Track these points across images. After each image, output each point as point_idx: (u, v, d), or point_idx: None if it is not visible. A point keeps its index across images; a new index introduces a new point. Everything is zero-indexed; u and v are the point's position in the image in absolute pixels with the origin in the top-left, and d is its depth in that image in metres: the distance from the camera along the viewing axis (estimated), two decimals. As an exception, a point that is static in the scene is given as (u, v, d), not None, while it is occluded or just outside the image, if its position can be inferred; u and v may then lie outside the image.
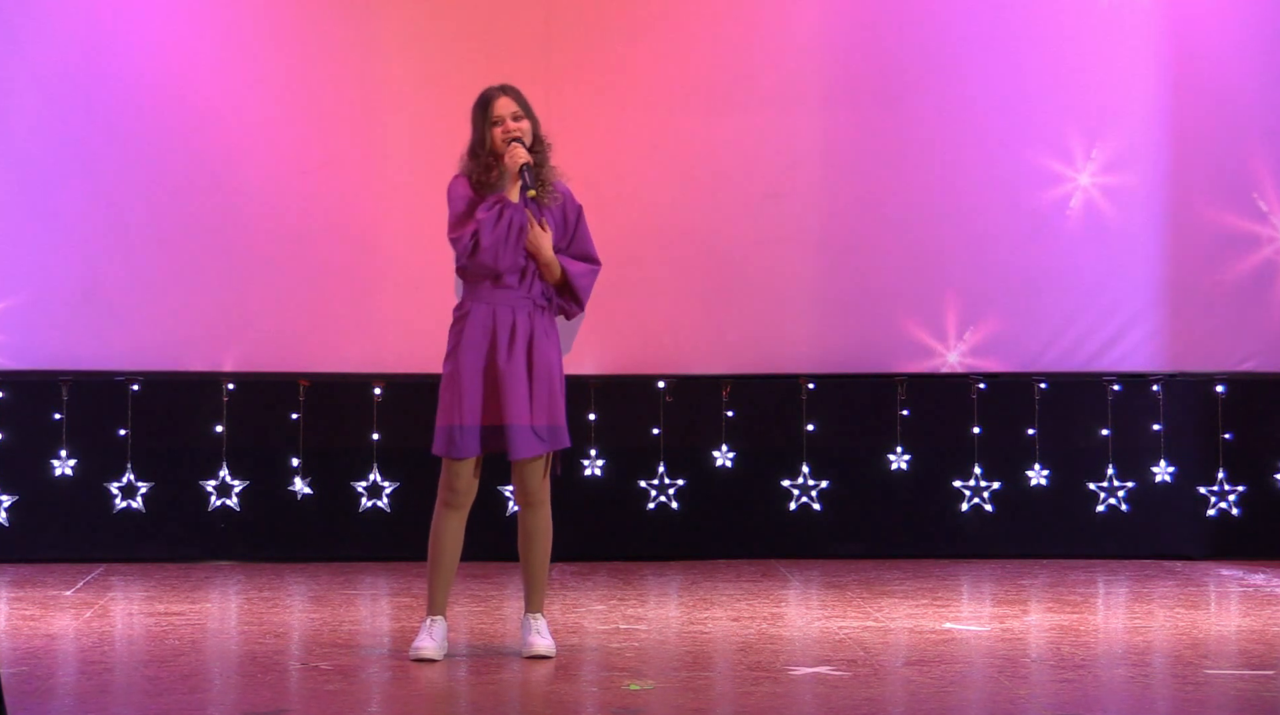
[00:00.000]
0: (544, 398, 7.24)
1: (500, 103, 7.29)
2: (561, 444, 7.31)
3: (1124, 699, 6.69)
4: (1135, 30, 10.44)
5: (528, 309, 7.26)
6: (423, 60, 10.27)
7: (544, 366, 7.25)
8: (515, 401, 7.19)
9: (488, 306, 7.25)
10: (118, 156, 10.14)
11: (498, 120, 7.27)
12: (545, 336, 7.28)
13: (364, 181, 10.26)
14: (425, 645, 7.26)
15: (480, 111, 7.30)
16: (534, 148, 7.30)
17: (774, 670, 7.14)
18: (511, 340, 7.22)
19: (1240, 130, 10.42)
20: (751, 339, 10.36)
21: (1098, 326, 10.42)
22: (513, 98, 7.30)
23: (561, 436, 7.30)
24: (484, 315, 7.25)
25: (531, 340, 7.25)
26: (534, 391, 7.24)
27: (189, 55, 10.18)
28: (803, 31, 10.40)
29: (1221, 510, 10.44)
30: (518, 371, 7.21)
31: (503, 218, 7.18)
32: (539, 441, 7.24)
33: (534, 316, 7.27)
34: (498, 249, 7.16)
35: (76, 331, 10.11)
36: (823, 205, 10.41)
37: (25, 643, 7.71)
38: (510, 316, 7.24)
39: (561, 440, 7.30)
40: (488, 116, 7.28)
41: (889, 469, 10.44)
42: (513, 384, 7.20)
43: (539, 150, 7.31)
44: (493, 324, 7.23)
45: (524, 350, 7.23)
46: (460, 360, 7.24)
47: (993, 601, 8.98)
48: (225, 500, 10.21)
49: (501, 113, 7.27)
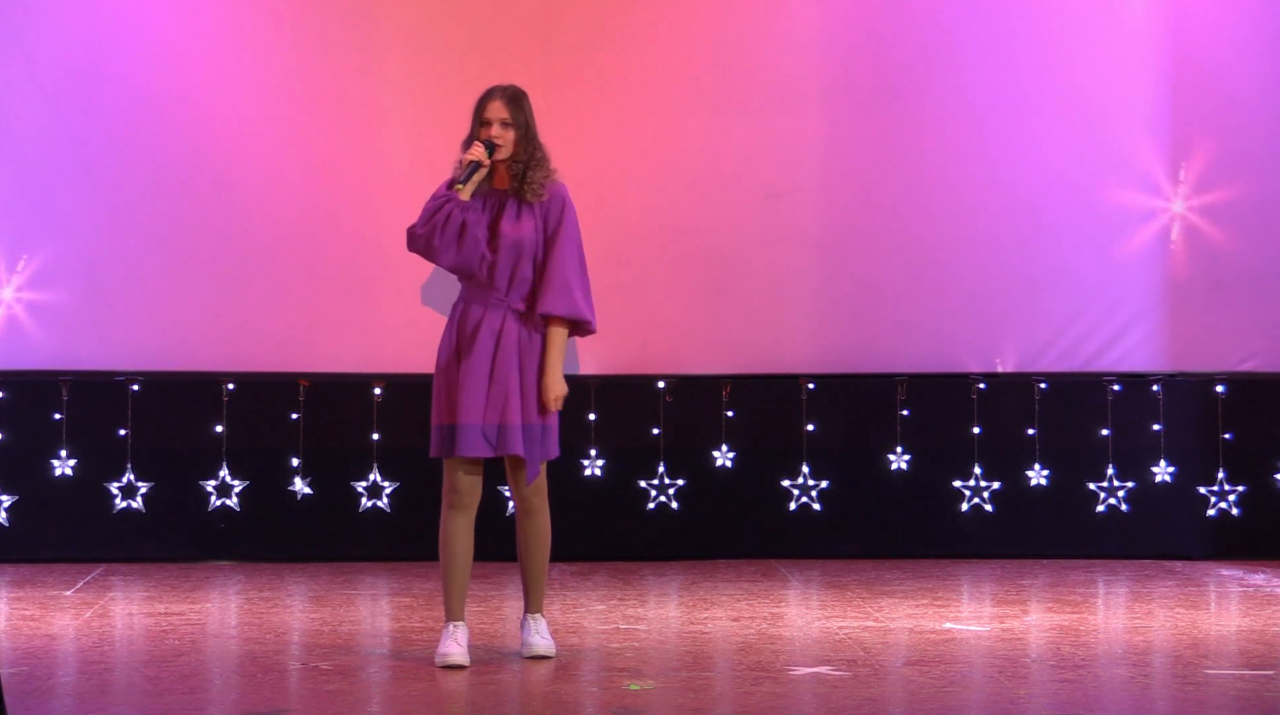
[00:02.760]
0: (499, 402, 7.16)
1: (493, 106, 7.26)
2: (550, 455, 7.26)
3: (1124, 699, 6.69)
4: (1134, 29, 10.44)
5: (502, 311, 7.23)
6: (423, 60, 10.26)
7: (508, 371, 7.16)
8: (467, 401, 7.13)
9: (464, 304, 7.27)
10: (118, 156, 10.13)
11: (487, 122, 7.27)
12: (515, 342, 7.19)
13: (364, 181, 10.26)
14: (453, 651, 7.20)
15: (476, 109, 7.31)
16: (517, 156, 7.27)
17: (774, 670, 7.14)
18: (474, 340, 7.18)
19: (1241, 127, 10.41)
20: (751, 339, 10.36)
21: (1098, 326, 10.42)
22: (506, 103, 7.25)
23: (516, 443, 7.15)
24: (459, 314, 7.26)
25: (499, 343, 7.20)
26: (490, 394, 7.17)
27: (189, 55, 10.18)
28: (803, 31, 10.39)
29: (1221, 510, 10.44)
30: (475, 372, 7.15)
31: (441, 210, 7.17)
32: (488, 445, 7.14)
33: (508, 319, 7.21)
34: (429, 238, 7.15)
35: (76, 331, 10.11)
36: (823, 205, 10.41)
37: (25, 643, 7.71)
38: (479, 316, 7.21)
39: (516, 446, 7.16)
40: (480, 115, 7.28)
41: (889, 469, 10.43)
42: (468, 385, 7.14)
43: (520, 159, 7.27)
44: (475, 324, 7.21)
45: (489, 352, 7.18)
46: (440, 359, 7.26)
47: (993, 601, 8.98)
48: (225, 500, 10.21)
49: (490, 116, 7.26)
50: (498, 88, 7.33)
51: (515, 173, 7.26)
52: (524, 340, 7.22)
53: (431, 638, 7.79)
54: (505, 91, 7.30)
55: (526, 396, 7.20)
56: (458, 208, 7.18)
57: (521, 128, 7.25)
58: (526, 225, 7.24)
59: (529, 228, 7.24)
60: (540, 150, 7.30)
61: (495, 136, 7.23)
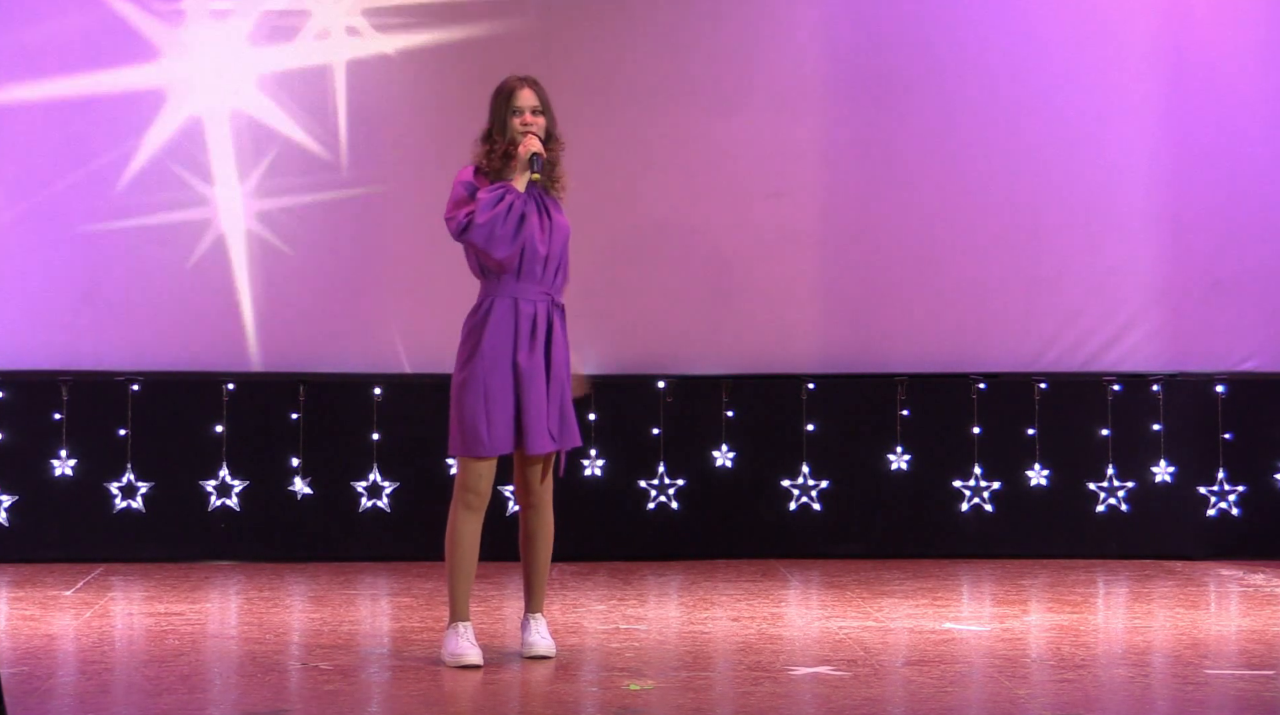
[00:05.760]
0: (558, 395, 7.23)
1: (523, 94, 7.26)
2: (572, 443, 7.30)
3: (1124, 699, 6.69)
4: (1134, 28, 10.44)
5: (547, 304, 7.23)
6: (421, 59, 10.26)
7: (560, 363, 7.23)
8: (535, 397, 7.16)
9: (509, 300, 7.19)
10: (118, 156, 10.13)
11: (518, 110, 7.26)
12: (562, 333, 7.27)
13: (364, 181, 10.25)
14: (468, 651, 7.18)
15: (502, 99, 7.28)
16: (547, 144, 7.29)
17: (774, 670, 7.14)
18: (533, 335, 7.19)
19: (1240, 128, 10.42)
20: (751, 339, 10.36)
21: (1098, 326, 10.42)
22: (534, 91, 7.27)
23: (573, 435, 7.29)
24: (506, 309, 7.18)
25: (550, 336, 7.22)
26: (550, 389, 7.22)
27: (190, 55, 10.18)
28: (803, 31, 10.39)
29: (1221, 510, 10.43)
30: (538, 367, 7.18)
31: (504, 200, 7.13)
32: (551, 439, 7.22)
33: (553, 312, 7.24)
34: (492, 227, 7.06)
35: (76, 331, 10.11)
36: (823, 205, 10.41)
37: (25, 643, 7.71)
38: (532, 310, 7.19)
39: (572, 439, 7.29)
40: (510, 105, 7.26)
41: (889, 469, 10.43)
42: (534, 380, 7.16)
43: (552, 148, 7.31)
44: (515, 318, 7.18)
45: (543, 345, 7.20)
46: (487, 358, 7.14)
47: (993, 601, 8.97)
48: (225, 500, 10.21)
49: (522, 104, 7.25)
50: (519, 77, 7.32)
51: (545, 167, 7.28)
52: (552, 331, 7.24)
53: (432, 638, 7.79)
54: (529, 80, 7.31)
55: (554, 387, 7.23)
56: (518, 198, 7.17)
57: (549, 114, 7.28)
58: (560, 217, 7.27)
59: (563, 219, 7.28)
60: (557, 143, 7.33)
61: (530, 123, 7.22)
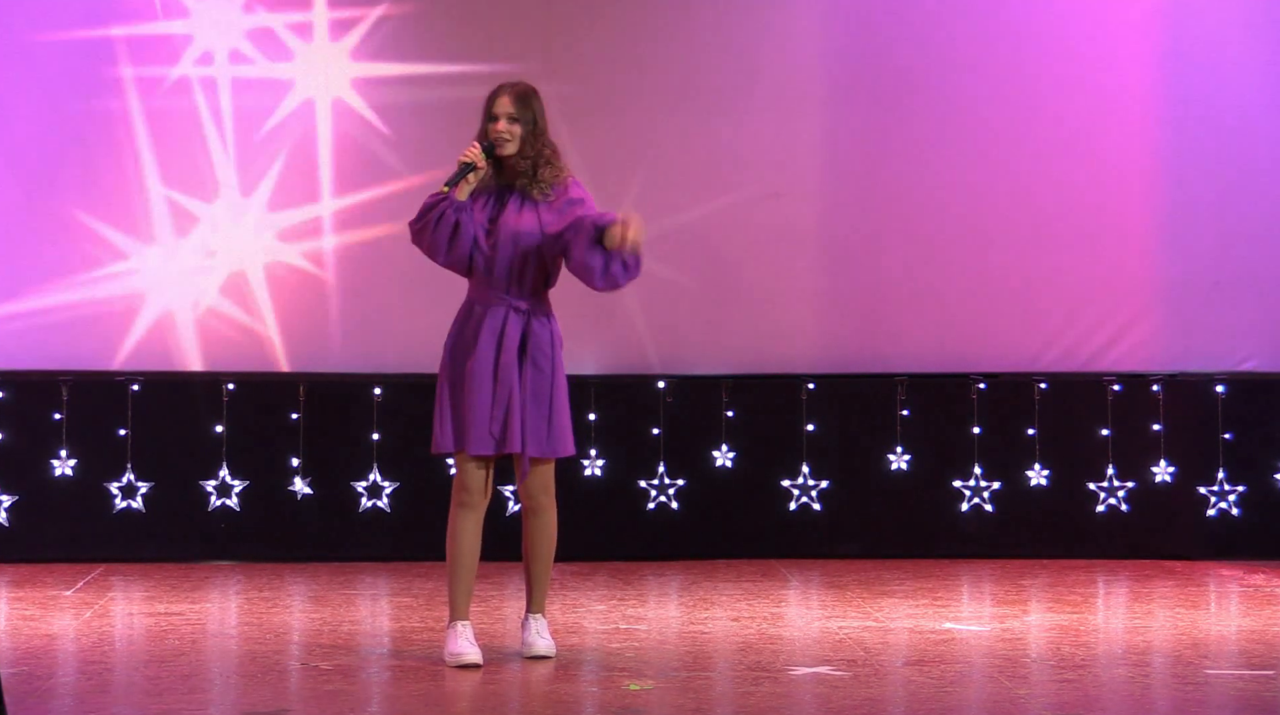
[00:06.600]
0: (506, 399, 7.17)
1: (500, 100, 7.28)
2: (563, 451, 7.26)
3: (1124, 699, 6.69)
4: (1134, 28, 10.43)
5: (505, 309, 7.22)
6: (421, 59, 10.25)
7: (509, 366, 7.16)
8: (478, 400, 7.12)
9: (469, 304, 7.28)
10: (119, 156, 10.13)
11: (494, 117, 7.27)
12: (536, 338, 7.22)
13: (363, 180, 10.25)
14: (467, 651, 7.19)
15: (486, 105, 7.31)
16: (524, 152, 7.27)
17: (774, 670, 7.14)
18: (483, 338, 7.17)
19: (1240, 128, 10.41)
20: (751, 339, 10.36)
21: (1098, 326, 10.42)
22: (514, 99, 7.26)
23: (563, 444, 7.24)
24: (466, 313, 7.27)
25: (504, 340, 7.19)
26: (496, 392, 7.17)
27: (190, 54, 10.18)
28: (803, 31, 10.39)
29: (1221, 510, 10.43)
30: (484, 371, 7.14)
31: (435, 208, 7.18)
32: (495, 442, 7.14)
33: (513, 317, 7.20)
34: (422, 236, 7.19)
35: (76, 331, 10.11)
36: (823, 205, 10.41)
37: (25, 643, 7.71)
38: (485, 313, 7.21)
39: (564, 447, 7.25)
40: (488, 110, 7.29)
41: (889, 469, 10.43)
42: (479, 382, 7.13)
43: (527, 155, 7.28)
44: (471, 322, 7.23)
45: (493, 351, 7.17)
46: (449, 359, 7.25)
47: (993, 601, 8.97)
48: (225, 500, 10.20)
49: (498, 111, 7.27)
50: (507, 84, 7.34)
51: (524, 169, 7.26)
52: (527, 337, 7.21)
53: (432, 638, 7.79)
54: (514, 88, 7.30)
55: (528, 394, 7.19)
56: (451, 208, 7.18)
57: (529, 124, 7.25)
58: (528, 219, 7.23)
59: (530, 221, 7.22)
60: (550, 148, 7.30)
61: (502, 131, 7.22)
